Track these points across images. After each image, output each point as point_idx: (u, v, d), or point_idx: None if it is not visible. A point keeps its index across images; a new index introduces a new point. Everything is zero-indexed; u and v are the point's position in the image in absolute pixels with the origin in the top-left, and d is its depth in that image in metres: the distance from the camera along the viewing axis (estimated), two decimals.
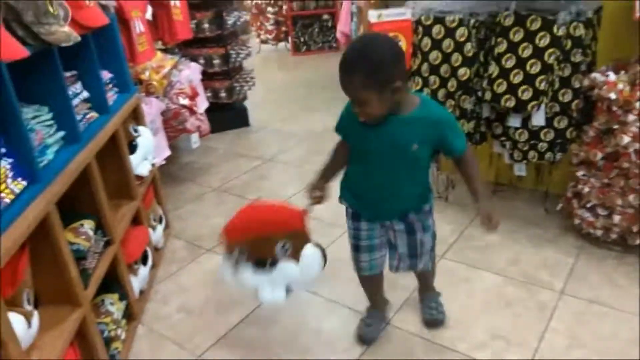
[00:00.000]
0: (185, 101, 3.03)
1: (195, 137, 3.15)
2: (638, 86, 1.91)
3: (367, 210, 1.62)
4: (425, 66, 2.46)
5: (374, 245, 1.66)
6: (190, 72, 3.30)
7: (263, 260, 1.55)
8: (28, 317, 1.26)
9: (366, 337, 1.79)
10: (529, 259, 2.19)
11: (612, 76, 1.98)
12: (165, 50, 3.50)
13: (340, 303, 2.01)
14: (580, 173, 2.17)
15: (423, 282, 1.90)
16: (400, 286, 2.06)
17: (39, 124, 1.54)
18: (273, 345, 1.82)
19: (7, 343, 1.13)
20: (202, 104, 3.40)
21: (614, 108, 1.95)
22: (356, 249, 1.69)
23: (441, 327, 1.83)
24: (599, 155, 2.05)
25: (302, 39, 7.10)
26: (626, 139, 1.92)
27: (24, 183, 1.34)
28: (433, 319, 1.84)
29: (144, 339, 1.89)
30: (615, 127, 1.97)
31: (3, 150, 1.31)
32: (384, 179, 1.50)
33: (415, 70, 2.52)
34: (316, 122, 4.15)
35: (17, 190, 1.31)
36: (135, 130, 2.29)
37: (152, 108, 2.70)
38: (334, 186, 1.68)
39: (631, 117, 1.89)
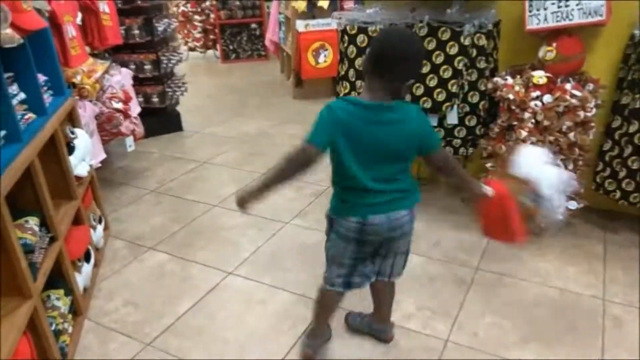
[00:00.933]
0: (118, 105, 3.04)
1: (130, 140, 3.16)
2: (531, 88, 2.24)
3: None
4: (352, 72, 2.69)
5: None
6: (122, 77, 3.31)
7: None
8: None
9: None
10: (448, 242, 2.46)
11: (509, 80, 2.30)
12: (95, 56, 3.48)
13: (280, 288, 2.15)
14: (489, 164, 2.48)
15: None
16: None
17: None
18: (220, 330, 1.93)
19: None
20: (135, 109, 3.41)
21: (513, 107, 2.27)
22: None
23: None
24: (503, 148, 2.36)
25: (230, 47, 7.18)
26: (524, 134, 2.24)
27: None
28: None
29: (91, 333, 1.92)
30: (515, 123, 2.29)
31: None
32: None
33: (343, 76, 2.74)
34: (250, 126, 4.27)
35: None
36: (72, 132, 2.30)
37: (86, 111, 2.70)
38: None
39: (527, 115, 2.22)
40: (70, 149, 2.24)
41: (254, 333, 1.90)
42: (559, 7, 2.21)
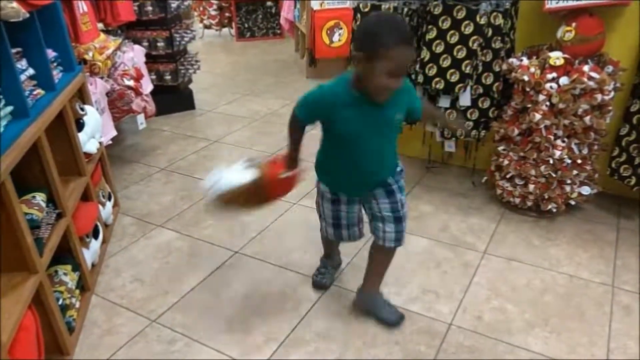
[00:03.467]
0: (130, 82, 3.04)
1: (141, 118, 3.17)
2: (547, 70, 2.17)
3: (351, 189, 1.70)
4: None
5: (353, 222, 1.79)
6: (134, 54, 3.30)
7: None
8: None
9: (319, 283, 2.01)
10: (457, 226, 2.43)
11: (525, 61, 2.23)
12: (107, 32, 3.47)
13: (286, 268, 2.15)
14: (500, 148, 2.43)
15: (381, 267, 1.84)
16: (342, 252, 2.23)
17: None
18: (225, 307, 1.94)
19: None
20: (147, 86, 3.41)
21: (527, 89, 2.20)
22: (336, 226, 1.81)
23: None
24: (516, 131, 2.31)
25: (246, 25, 7.11)
26: (537, 116, 2.18)
27: None
28: (398, 317, 1.83)
29: (98, 308, 1.95)
30: (529, 106, 2.23)
31: None
32: (371, 156, 1.59)
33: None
34: (262, 105, 4.25)
35: None
36: (82, 109, 2.31)
37: (96, 88, 2.70)
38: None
39: (541, 97, 2.15)
40: (80, 126, 2.25)
41: (258, 311, 1.92)
42: None
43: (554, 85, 2.13)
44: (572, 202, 2.37)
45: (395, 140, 1.65)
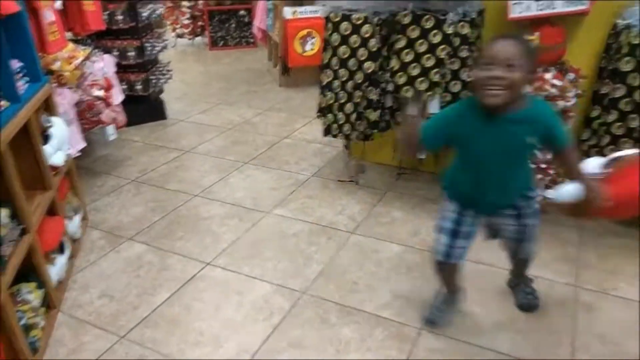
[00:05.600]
0: (99, 93, 3.00)
1: (111, 129, 3.12)
2: None
3: (477, 208, 1.65)
4: (335, 60, 2.66)
5: (473, 233, 1.69)
6: (104, 64, 3.26)
7: None
8: None
9: (438, 322, 1.85)
10: (428, 231, 2.46)
11: None
12: (77, 42, 3.42)
13: (259, 279, 2.14)
14: None
15: (520, 267, 1.91)
16: (315, 260, 2.24)
17: None
18: (196, 320, 1.92)
19: None
20: (118, 96, 3.36)
21: None
22: (454, 234, 1.67)
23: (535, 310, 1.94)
24: None
25: (219, 34, 7.09)
26: None
27: None
28: (529, 304, 1.91)
29: (64, 326, 1.91)
30: None
31: None
32: (497, 178, 1.54)
33: (326, 64, 2.71)
34: (235, 114, 4.24)
35: None
36: (48, 121, 2.27)
37: (64, 99, 2.66)
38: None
39: None
40: (46, 138, 2.21)
41: (229, 323, 1.90)
42: None
43: None
44: (537, 206, 2.42)
45: (526, 163, 1.62)
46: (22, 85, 2.09)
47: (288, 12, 4.76)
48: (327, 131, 2.85)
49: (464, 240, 1.68)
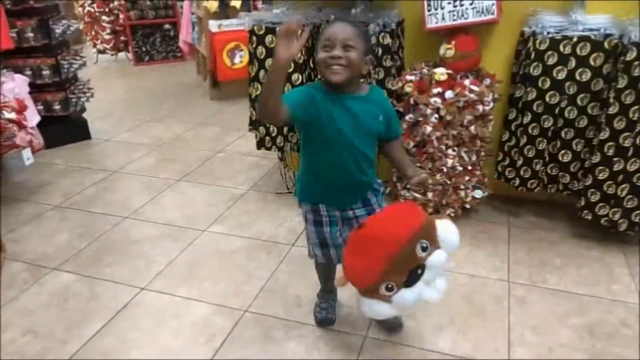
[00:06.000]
0: (11, 115, 2.80)
1: (27, 152, 2.92)
2: (433, 85, 2.32)
3: (332, 198, 1.67)
4: (262, 73, 2.65)
5: (339, 242, 1.72)
6: (15, 85, 3.05)
7: (414, 273, 1.44)
8: None
9: (325, 319, 1.91)
10: None
11: (410, 77, 2.38)
12: None
13: (197, 300, 2.07)
14: None
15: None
16: (255, 276, 2.20)
17: None
18: (132, 350, 1.82)
19: None
20: (33, 118, 3.16)
21: (418, 103, 2.34)
22: (323, 246, 1.74)
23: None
24: (411, 143, 2.43)
25: (143, 49, 6.87)
26: (429, 129, 2.32)
27: None
28: (393, 325, 1.89)
29: None
30: (420, 119, 2.36)
31: None
32: (352, 158, 1.57)
33: (254, 77, 2.70)
34: (164, 130, 4.11)
35: None
36: None
37: None
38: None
39: (429, 111, 2.30)
40: None
41: (167, 350, 1.82)
42: (455, 6, 2.31)
43: (438, 99, 2.28)
44: (468, 206, 2.55)
45: (373, 151, 1.64)
46: None
47: (214, 25, 4.70)
48: (261, 144, 2.83)
49: (334, 249, 1.74)
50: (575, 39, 2.17)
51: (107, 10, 6.78)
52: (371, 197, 1.71)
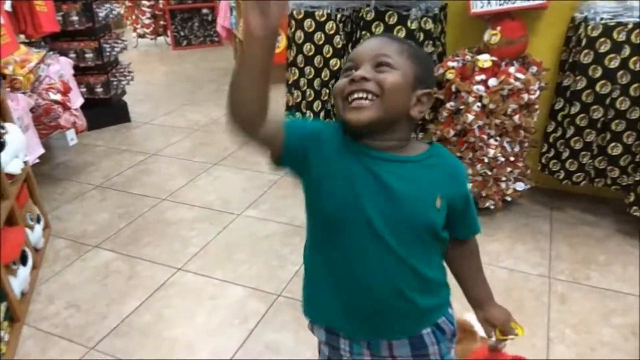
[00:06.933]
0: (56, 96, 2.88)
1: (71, 133, 3.00)
2: (476, 72, 2.25)
3: (355, 326, 0.95)
4: (300, 57, 2.63)
5: None
6: (61, 67, 3.14)
7: None
8: None
9: None
10: None
11: (452, 64, 2.31)
12: (30, 44, 3.27)
13: (232, 282, 2.10)
14: None
15: None
16: (290, 261, 2.21)
17: None
18: (168, 328, 1.86)
19: None
20: (77, 100, 3.25)
21: (460, 91, 2.27)
22: None
23: None
24: (452, 132, 2.37)
25: (182, 33, 6.95)
26: (470, 117, 2.26)
27: None
28: None
29: (30, 339, 1.82)
30: (462, 107, 2.30)
31: None
32: (385, 264, 0.88)
33: (291, 62, 2.68)
34: (201, 115, 4.15)
35: None
36: (2, 128, 2.16)
37: (18, 104, 2.53)
38: None
39: (471, 99, 2.23)
40: (1, 146, 2.10)
41: (203, 330, 1.85)
42: None
43: (481, 87, 2.21)
44: (508, 198, 2.47)
45: (435, 257, 0.95)
46: None
47: None
48: None
49: None
50: (630, 26, 2.05)
51: None
52: (428, 339, 0.95)
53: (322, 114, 2.68)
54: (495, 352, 1.14)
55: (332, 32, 2.50)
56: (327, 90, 2.61)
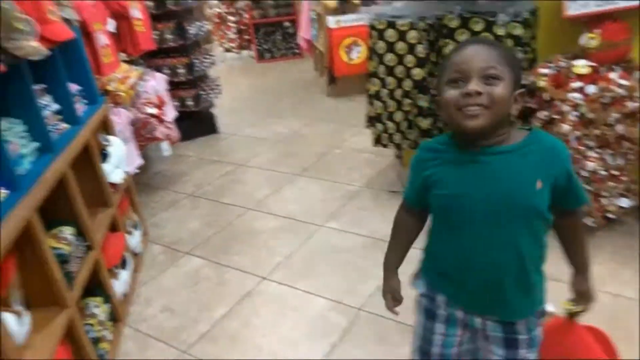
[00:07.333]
0: (153, 110, 3.10)
1: (165, 145, 3.22)
2: (572, 79, 2.11)
3: (456, 295, 1.13)
4: (381, 68, 2.62)
5: (448, 354, 1.18)
6: (156, 82, 3.37)
7: None
8: (18, 315, 1.33)
9: None
10: None
11: (545, 70, 2.18)
12: (129, 62, 3.56)
13: (314, 294, 2.12)
14: None
15: None
16: (371, 275, 2.19)
17: (12, 136, 1.59)
18: (255, 336, 1.92)
19: (2, 340, 1.20)
20: (170, 113, 3.47)
21: (554, 99, 2.14)
22: (423, 353, 1.22)
23: None
24: None
25: (265, 47, 7.21)
26: (565, 128, 2.12)
27: (5, 191, 1.41)
28: None
29: (130, 340, 1.96)
30: (556, 117, 2.16)
31: None
32: (489, 250, 1.03)
33: (373, 72, 2.68)
34: (284, 126, 4.27)
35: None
36: (106, 140, 2.35)
37: (120, 118, 2.76)
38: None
39: (566, 108, 2.09)
40: (104, 157, 2.29)
41: (287, 340, 1.89)
42: None
43: (578, 95, 2.06)
44: (611, 216, 2.27)
45: (534, 234, 1.04)
46: (80, 107, 2.19)
47: (332, 21, 4.76)
48: (377, 141, 2.81)
49: (441, 347, 1.19)
50: None
51: (233, 10, 7.22)
52: (519, 326, 1.10)
53: (404, 124, 2.65)
54: (569, 322, 1.22)
55: (414, 41, 2.47)
56: (410, 101, 2.57)
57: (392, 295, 1.27)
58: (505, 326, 1.09)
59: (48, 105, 1.87)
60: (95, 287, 1.90)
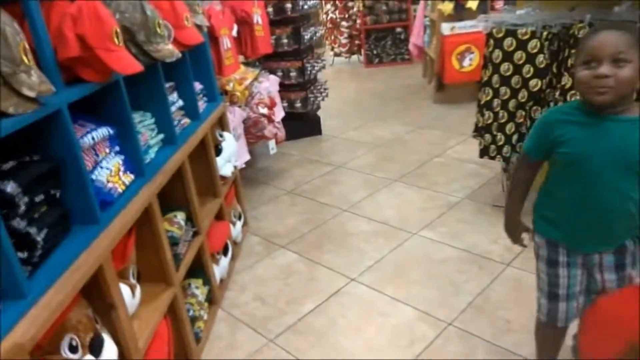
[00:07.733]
0: (264, 110, 3.27)
1: (272, 143, 3.38)
2: None
3: (575, 241, 1.37)
4: (495, 77, 2.51)
5: (574, 293, 1.41)
6: (269, 84, 3.55)
7: None
8: (132, 288, 1.49)
9: None
10: None
11: None
12: (247, 64, 3.79)
13: (402, 302, 2.09)
14: None
15: None
16: (464, 290, 2.11)
17: (144, 127, 1.79)
18: (338, 335, 1.95)
19: (118, 307, 1.35)
20: (279, 113, 3.63)
21: None
22: (553, 297, 1.43)
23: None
24: None
25: (374, 52, 7.24)
26: None
27: (132, 176, 1.58)
28: None
29: (223, 322, 2.09)
30: None
31: (117, 148, 1.56)
32: (607, 196, 1.27)
33: (486, 82, 2.57)
34: (386, 131, 4.26)
35: (127, 182, 1.54)
36: (221, 136, 2.53)
37: (235, 116, 2.95)
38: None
39: None
40: (218, 151, 2.47)
41: (371, 345, 1.89)
42: None
43: None
44: None
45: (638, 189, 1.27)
46: (202, 104, 2.38)
47: (446, 28, 4.65)
48: (484, 152, 2.69)
49: (564, 303, 1.42)
50: None
51: (347, 16, 7.36)
52: (629, 246, 1.35)
53: (515, 137, 2.51)
54: None
55: (535, 51, 2.33)
56: (524, 113, 2.43)
57: (517, 228, 1.48)
58: (616, 255, 1.35)
59: (174, 101, 2.07)
60: (197, 269, 2.05)
